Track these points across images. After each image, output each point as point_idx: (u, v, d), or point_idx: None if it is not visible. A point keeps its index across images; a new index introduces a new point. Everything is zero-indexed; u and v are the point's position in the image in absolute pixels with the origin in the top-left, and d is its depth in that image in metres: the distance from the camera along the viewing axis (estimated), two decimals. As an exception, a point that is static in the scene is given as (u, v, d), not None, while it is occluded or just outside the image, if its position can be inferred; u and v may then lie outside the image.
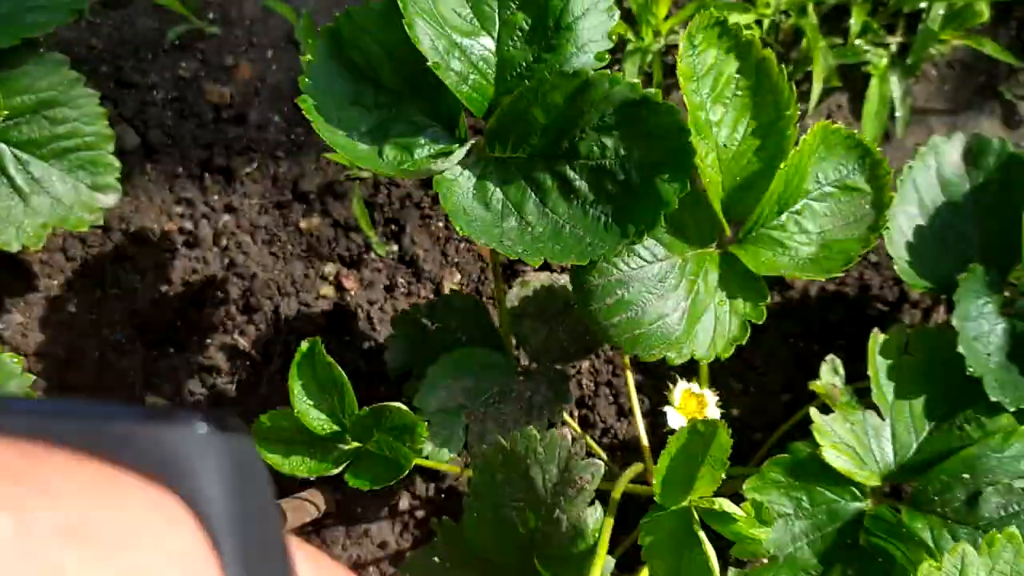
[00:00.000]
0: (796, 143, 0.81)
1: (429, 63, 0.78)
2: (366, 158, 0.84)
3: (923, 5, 1.20)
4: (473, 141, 0.84)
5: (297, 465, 0.78)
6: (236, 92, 1.27)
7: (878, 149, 0.87)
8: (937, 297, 1.11)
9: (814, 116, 1.23)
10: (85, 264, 1.21)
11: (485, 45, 0.83)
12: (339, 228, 1.21)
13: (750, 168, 0.82)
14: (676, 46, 0.92)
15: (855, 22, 1.20)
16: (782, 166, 0.78)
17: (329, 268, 1.20)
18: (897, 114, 1.20)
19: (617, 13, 0.84)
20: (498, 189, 0.82)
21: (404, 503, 1.11)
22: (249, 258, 1.20)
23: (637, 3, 1.19)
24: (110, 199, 1.04)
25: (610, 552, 0.80)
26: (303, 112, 0.81)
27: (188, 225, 1.21)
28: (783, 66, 0.82)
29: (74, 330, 1.19)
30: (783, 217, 0.85)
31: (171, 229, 1.21)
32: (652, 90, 0.78)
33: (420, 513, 1.11)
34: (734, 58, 0.83)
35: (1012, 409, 0.83)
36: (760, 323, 0.81)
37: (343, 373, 0.78)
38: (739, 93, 0.83)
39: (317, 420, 0.79)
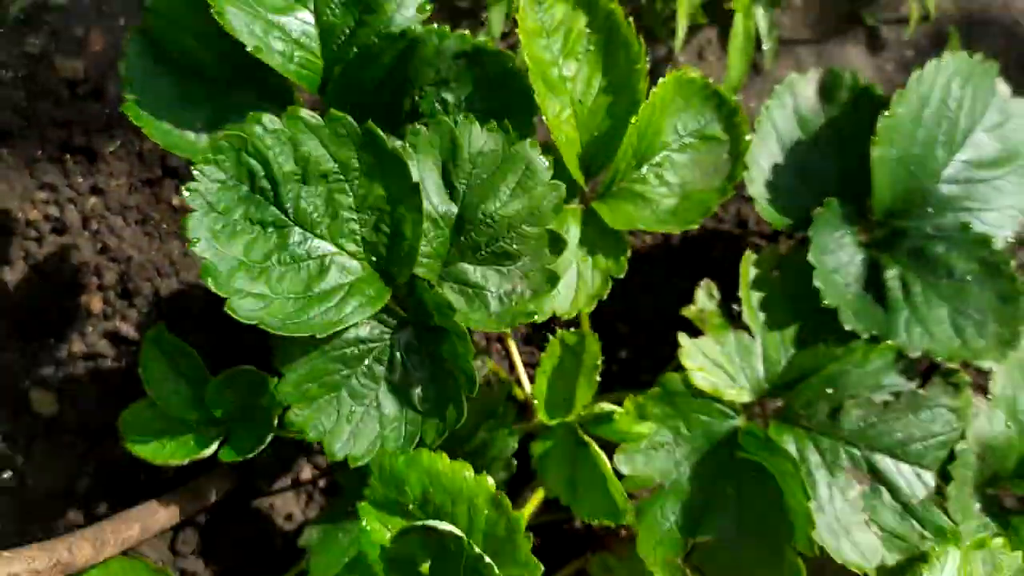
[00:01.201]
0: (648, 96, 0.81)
1: (249, 48, 0.76)
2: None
3: (784, -66, 1.21)
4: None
5: (168, 454, 0.78)
6: (90, 65, 1.21)
7: (734, 97, 0.88)
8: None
9: (684, 54, 1.23)
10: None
11: (303, 19, 0.80)
12: (215, 202, 1.18)
13: (605, 123, 0.83)
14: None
15: (719, -44, 1.20)
16: (633, 120, 0.79)
17: (208, 244, 1.17)
18: (764, 47, 1.21)
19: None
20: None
21: (306, 474, 1.12)
22: (123, 241, 1.16)
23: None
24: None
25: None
26: (131, 119, 0.78)
27: (53, 211, 1.16)
28: (631, 20, 0.81)
29: (-57, 329, 1.14)
30: (643, 170, 0.86)
31: (35, 217, 1.16)
32: (482, 39, 0.77)
33: (322, 483, 1.12)
34: (583, 13, 0.82)
35: (865, 336, 0.87)
36: (621, 277, 0.82)
37: (195, 352, 0.78)
38: (591, 48, 0.83)
39: (176, 404, 0.78)
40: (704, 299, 0.95)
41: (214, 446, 0.81)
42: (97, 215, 1.16)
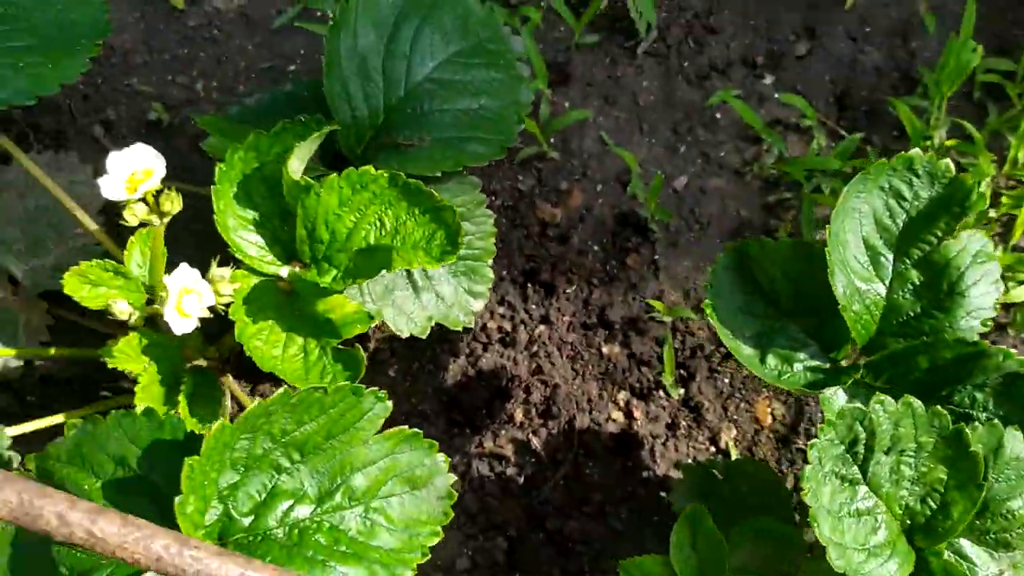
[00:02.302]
0: None
1: (840, 305, 0.92)
2: (749, 360, 0.99)
3: None
4: (852, 368, 0.97)
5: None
6: (564, 214, 1.44)
7: None
8: None
9: None
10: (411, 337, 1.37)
11: (877, 291, 0.97)
12: (634, 360, 1.36)
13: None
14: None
15: None
16: None
17: (622, 395, 1.34)
18: None
19: (1002, 285, 0.97)
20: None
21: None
22: (554, 368, 1.35)
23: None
24: (479, 305, 1.20)
25: None
26: (705, 313, 0.96)
27: (506, 326, 1.37)
28: None
29: (388, 393, 1.35)
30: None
31: (491, 326, 1.37)
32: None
33: None
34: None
35: None
36: None
37: (722, 539, 0.91)
38: None
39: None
40: None
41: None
42: (540, 340, 1.36)
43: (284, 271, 1.07)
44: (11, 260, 1.37)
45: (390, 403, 0.93)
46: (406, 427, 0.94)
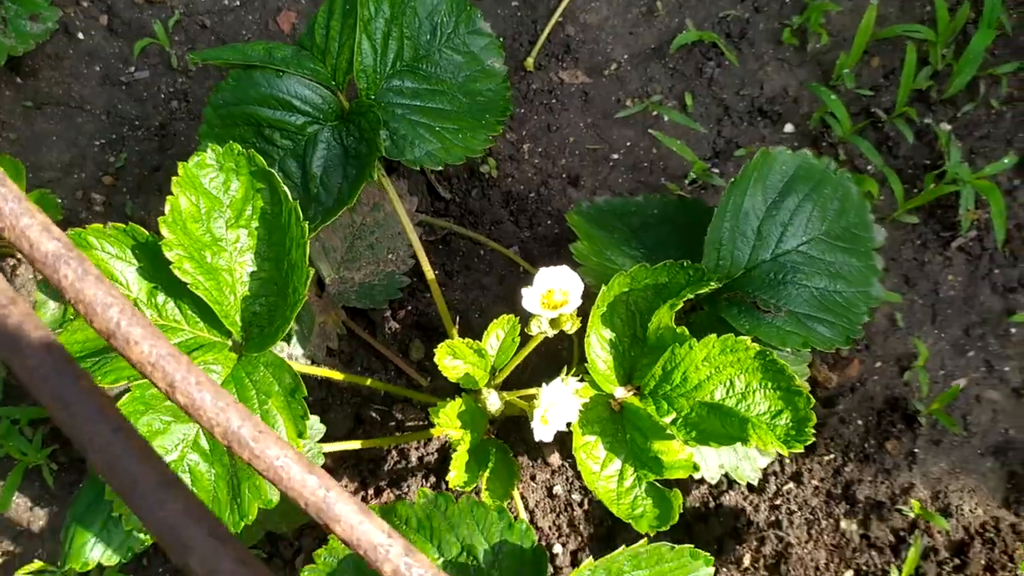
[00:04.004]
0: None
1: None
2: None
3: None
4: None
5: None
6: (839, 380, 1.47)
7: None
8: None
9: None
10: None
11: None
12: (867, 543, 1.38)
13: None
14: None
15: None
16: None
17: (847, 574, 1.37)
18: None
19: None
20: None
21: None
22: (791, 527, 1.39)
23: None
24: (765, 462, 1.25)
25: None
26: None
27: (753, 479, 1.41)
28: None
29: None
30: None
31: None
32: None
33: None
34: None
35: None
36: None
37: None
38: None
39: None
40: None
41: None
42: (785, 495, 1.40)
43: (619, 392, 1.14)
44: (326, 266, 1.47)
45: (714, 569, 0.98)
46: (718, 594, 0.99)
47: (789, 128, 1.58)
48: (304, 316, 1.47)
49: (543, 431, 1.02)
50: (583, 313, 1.08)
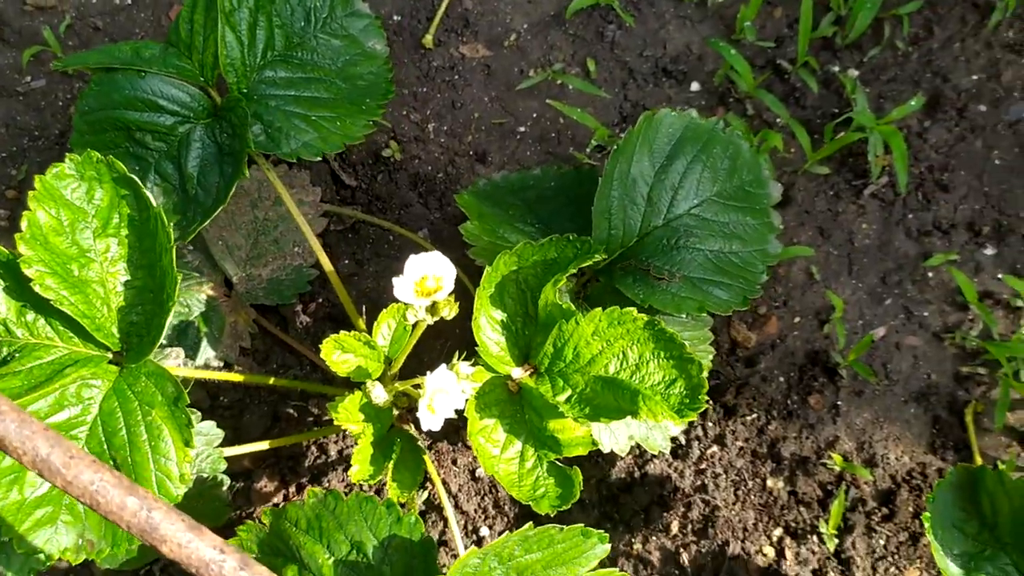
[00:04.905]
0: None
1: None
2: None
3: None
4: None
5: None
6: (758, 340, 1.45)
7: None
8: None
9: None
10: (584, 423, 1.41)
11: None
12: (795, 499, 1.38)
13: None
14: None
15: None
16: None
17: (776, 531, 1.37)
18: None
19: None
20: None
21: None
22: (718, 490, 1.38)
23: None
24: (677, 430, 1.24)
25: None
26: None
27: (681, 438, 1.40)
28: None
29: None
30: None
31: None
32: None
33: None
34: None
35: None
36: None
37: None
38: None
39: None
40: None
41: None
42: (710, 459, 1.39)
43: (516, 372, 1.12)
44: (231, 265, 1.44)
45: (609, 545, 0.97)
46: (616, 570, 0.98)
47: (695, 87, 1.55)
48: (214, 317, 1.45)
49: (430, 420, 1.01)
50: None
